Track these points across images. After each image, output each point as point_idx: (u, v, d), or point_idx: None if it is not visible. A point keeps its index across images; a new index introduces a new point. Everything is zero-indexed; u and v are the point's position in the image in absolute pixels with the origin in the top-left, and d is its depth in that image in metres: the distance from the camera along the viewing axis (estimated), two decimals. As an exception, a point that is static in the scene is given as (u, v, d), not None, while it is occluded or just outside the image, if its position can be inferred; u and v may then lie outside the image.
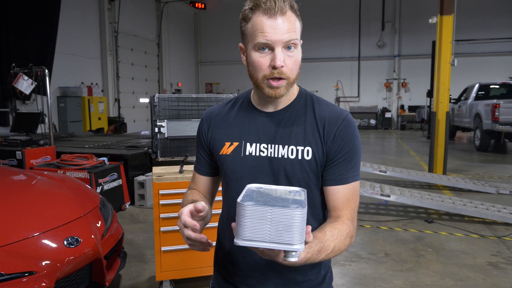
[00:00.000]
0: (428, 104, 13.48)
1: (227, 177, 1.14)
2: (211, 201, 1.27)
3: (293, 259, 0.76)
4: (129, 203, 5.22)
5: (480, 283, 3.08)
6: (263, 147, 1.09)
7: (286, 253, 0.77)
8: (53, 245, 2.30)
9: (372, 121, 18.05)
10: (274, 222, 0.74)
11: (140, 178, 5.28)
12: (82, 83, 12.33)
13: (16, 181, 3.05)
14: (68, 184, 3.08)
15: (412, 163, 8.44)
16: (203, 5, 17.69)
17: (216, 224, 1.28)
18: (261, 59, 1.01)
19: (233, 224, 0.81)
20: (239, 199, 0.79)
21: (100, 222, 2.72)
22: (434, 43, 7.82)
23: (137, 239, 4.08)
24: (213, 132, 1.16)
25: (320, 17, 18.29)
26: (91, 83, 12.79)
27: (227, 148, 1.12)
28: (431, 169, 6.86)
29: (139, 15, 15.46)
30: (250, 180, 1.06)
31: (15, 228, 2.28)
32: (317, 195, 1.11)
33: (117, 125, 12.34)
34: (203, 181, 1.24)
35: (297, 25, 1.01)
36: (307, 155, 1.06)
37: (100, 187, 4.65)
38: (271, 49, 0.99)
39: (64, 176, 3.50)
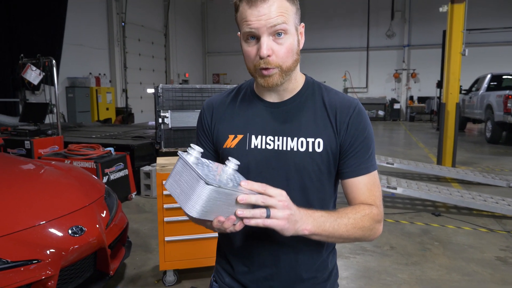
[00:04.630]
0: (438, 95, 13.28)
1: None
2: None
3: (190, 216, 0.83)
4: (135, 193, 5.25)
5: (487, 278, 3.04)
6: (270, 139, 1.03)
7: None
8: (58, 234, 2.32)
9: (381, 112, 17.87)
10: (185, 183, 0.82)
11: (146, 168, 5.30)
12: (90, 73, 12.37)
13: (23, 171, 3.08)
14: (74, 174, 3.10)
15: (420, 155, 8.35)
16: (210, -5, 17.57)
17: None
18: (249, 49, 0.97)
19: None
20: (182, 153, 0.86)
21: (105, 211, 2.74)
22: (444, 32, 7.65)
23: (143, 228, 4.11)
24: (216, 123, 1.10)
25: (328, 7, 18.06)
26: (99, 74, 12.83)
27: (231, 141, 1.06)
28: (439, 162, 6.78)
29: (147, 6, 15.40)
30: (256, 174, 1.02)
31: (21, 217, 2.31)
32: (329, 190, 1.07)
33: (125, 115, 12.40)
34: None
35: (286, 7, 0.93)
36: (318, 147, 1.00)
37: (107, 177, 4.68)
38: (258, 38, 0.94)
39: (70, 166, 3.52)
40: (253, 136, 1.04)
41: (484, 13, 15.30)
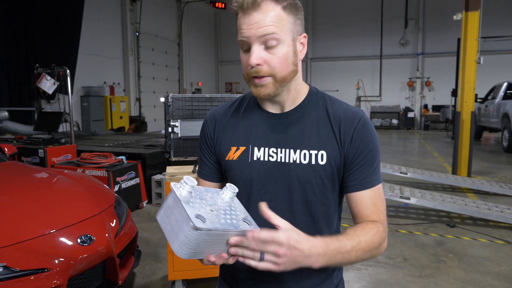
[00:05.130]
0: (453, 103, 13.07)
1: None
2: None
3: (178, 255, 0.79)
4: (146, 201, 5.27)
5: (504, 292, 2.94)
6: (272, 151, 1.00)
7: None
8: (67, 242, 2.33)
9: (394, 121, 17.67)
10: (174, 220, 0.79)
11: (158, 176, 5.33)
12: (105, 82, 12.58)
13: (34, 179, 3.12)
14: (85, 182, 3.12)
15: (435, 165, 8.19)
16: (223, 4, 17.74)
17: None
18: (243, 57, 0.96)
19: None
20: (175, 186, 0.82)
21: (114, 220, 2.74)
22: (459, 40, 7.55)
23: (153, 237, 4.10)
24: (219, 135, 1.08)
25: (341, 15, 18.06)
26: (113, 83, 13.03)
27: (234, 153, 1.04)
28: (454, 171, 6.64)
29: (160, 16, 15.66)
30: (259, 187, 1.00)
31: (31, 225, 2.32)
32: (333, 203, 1.04)
33: (138, 124, 12.53)
34: (208, 186, 1.19)
35: (280, 17, 0.91)
36: (321, 160, 0.98)
37: (118, 185, 4.71)
38: (250, 46, 0.93)
39: (82, 174, 3.55)
40: (255, 148, 1.02)
41: (499, 20, 15.08)
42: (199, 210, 0.78)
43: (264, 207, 0.83)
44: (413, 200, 4.47)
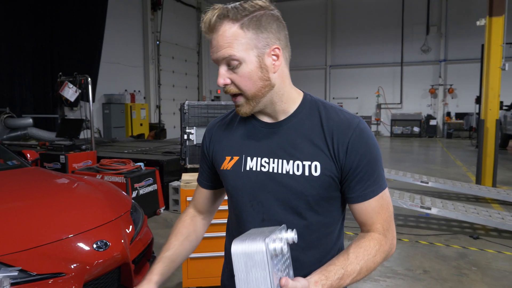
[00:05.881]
0: (477, 111, 12.72)
1: (229, 193, 1.08)
2: (206, 219, 1.24)
3: None
4: (163, 208, 5.31)
5: (531, 308, 2.80)
6: (265, 161, 0.99)
7: None
8: (83, 248, 2.35)
9: (416, 129, 17.32)
10: (253, 278, 0.78)
11: (175, 183, 5.36)
12: (126, 90, 12.85)
13: (54, 185, 3.18)
14: (102, 188, 3.17)
15: (458, 174, 7.96)
16: (242, 13, 17.89)
17: (222, 233, 1.24)
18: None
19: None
20: (269, 244, 0.78)
21: (130, 226, 2.76)
22: (483, 46, 7.36)
23: (169, 244, 4.11)
24: (215, 145, 1.10)
25: (360, 22, 17.92)
26: (134, 91, 13.30)
27: (228, 163, 1.05)
28: (478, 181, 6.42)
29: (180, 25, 15.93)
30: (252, 197, 1.00)
31: (48, 230, 2.36)
32: (332, 214, 1.02)
33: (157, 131, 12.71)
34: (204, 195, 1.20)
35: (236, 36, 0.90)
36: (315, 171, 0.95)
37: (136, 191, 4.76)
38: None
39: (100, 180, 3.61)
40: (248, 158, 1.02)
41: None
42: (278, 279, 0.78)
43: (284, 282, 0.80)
44: (434, 210, 4.34)
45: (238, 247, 0.78)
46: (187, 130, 2.83)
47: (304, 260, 0.98)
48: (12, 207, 2.59)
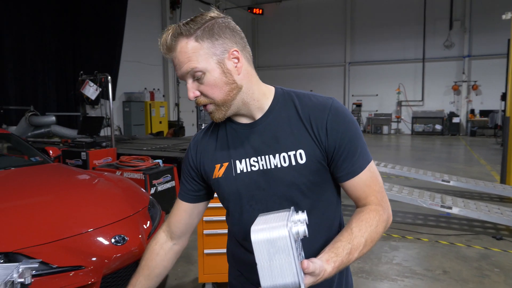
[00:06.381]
0: (503, 108, 12.32)
1: (225, 200, 1.10)
2: (178, 245, 1.24)
3: None
4: (181, 204, 5.36)
5: (557, 312, 2.70)
6: (253, 160, 1.03)
7: None
8: (102, 242, 2.41)
9: (438, 127, 16.90)
10: (277, 263, 0.78)
11: (192, 180, 5.41)
12: (145, 88, 13.04)
13: (74, 180, 3.27)
14: (121, 184, 3.23)
15: (482, 173, 7.74)
16: (260, 10, 17.88)
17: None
18: None
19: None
20: (291, 229, 0.79)
21: (148, 222, 2.81)
22: (509, 41, 7.11)
23: (186, 240, 4.16)
24: (201, 157, 1.12)
25: (380, 18, 17.60)
26: (153, 89, 13.49)
27: (218, 171, 1.07)
28: (503, 180, 6.21)
29: (199, 23, 16.03)
30: (249, 198, 1.03)
31: (69, 224, 2.43)
32: (328, 197, 1.05)
33: (176, 128, 12.87)
34: (182, 210, 1.20)
35: (193, 49, 0.93)
36: (301, 159, 0.99)
37: (154, 188, 4.83)
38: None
39: (119, 177, 3.68)
40: (237, 161, 1.04)
41: (555, 19, 14.05)
42: (300, 263, 0.78)
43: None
44: (456, 209, 4.24)
45: (258, 235, 0.77)
46: (203, 127, 2.86)
47: (307, 246, 0.98)
48: (33, 202, 2.67)
